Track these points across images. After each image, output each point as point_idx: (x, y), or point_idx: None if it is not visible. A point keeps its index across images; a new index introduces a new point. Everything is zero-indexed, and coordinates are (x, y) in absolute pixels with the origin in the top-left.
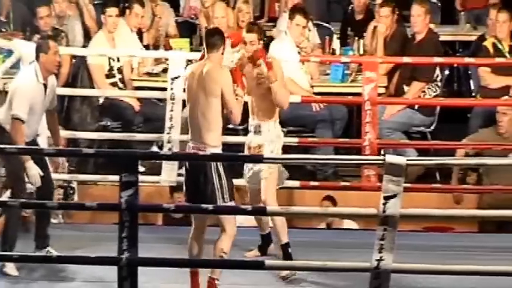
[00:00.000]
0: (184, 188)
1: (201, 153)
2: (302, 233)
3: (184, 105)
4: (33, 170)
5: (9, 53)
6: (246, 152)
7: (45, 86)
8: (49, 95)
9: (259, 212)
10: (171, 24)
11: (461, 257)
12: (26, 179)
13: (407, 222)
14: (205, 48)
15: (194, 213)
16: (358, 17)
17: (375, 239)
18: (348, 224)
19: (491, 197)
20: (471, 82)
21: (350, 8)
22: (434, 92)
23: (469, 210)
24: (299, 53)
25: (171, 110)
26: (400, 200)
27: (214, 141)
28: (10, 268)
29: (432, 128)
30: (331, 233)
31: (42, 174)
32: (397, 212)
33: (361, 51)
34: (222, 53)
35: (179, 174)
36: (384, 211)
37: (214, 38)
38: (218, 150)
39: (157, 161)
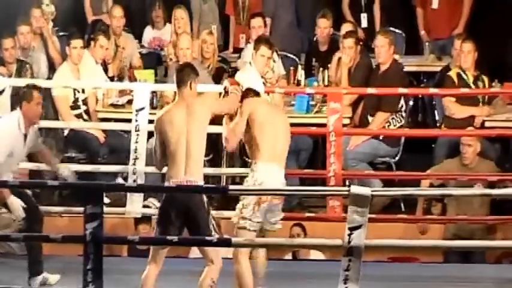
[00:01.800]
0: (159, 218)
1: None
2: (268, 264)
3: (149, 137)
4: (15, 205)
5: None
6: None
7: (25, 136)
8: (29, 144)
9: (224, 243)
10: (135, 55)
11: (427, 287)
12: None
13: (372, 253)
14: (176, 86)
15: (159, 245)
16: (323, 47)
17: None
18: (315, 254)
19: (456, 227)
20: (436, 112)
21: (314, 38)
22: (399, 122)
23: (433, 240)
24: (264, 83)
25: (136, 142)
26: (365, 230)
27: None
28: None
29: (397, 158)
30: (298, 263)
31: (24, 205)
32: (362, 243)
33: (326, 82)
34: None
35: (144, 206)
36: (349, 242)
37: (181, 74)
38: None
39: (122, 193)
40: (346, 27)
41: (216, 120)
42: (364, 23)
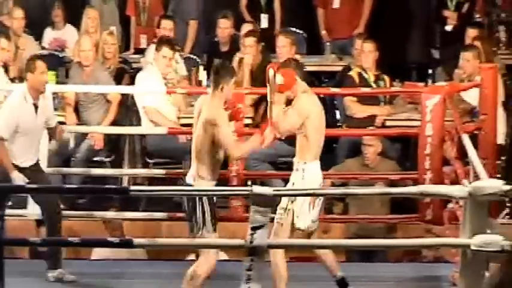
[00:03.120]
0: None
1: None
2: (170, 265)
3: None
4: (18, 180)
5: None
6: None
7: (35, 105)
8: (41, 115)
9: (126, 244)
10: None
11: (328, 286)
12: None
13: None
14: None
15: (61, 246)
16: (224, 48)
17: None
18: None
19: (357, 226)
20: (337, 112)
21: (215, 39)
22: None
23: (335, 239)
24: (166, 84)
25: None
26: (267, 230)
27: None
28: None
29: None
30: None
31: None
32: (264, 243)
33: None
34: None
35: None
36: (251, 242)
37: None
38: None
39: (23, 195)
40: (246, 27)
41: (116, 121)
42: (265, 24)
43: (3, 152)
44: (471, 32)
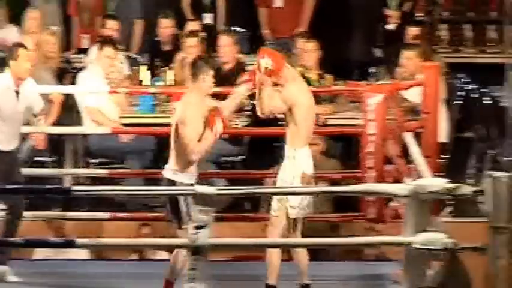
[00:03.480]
0: None
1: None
2: (111, 265)
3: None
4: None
5: None
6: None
7: (17, 92)
8: (23, 101)
9: (69, 244)
10: None
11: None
12: None
13: (218, 252)
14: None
15: (3, 246)
16: (166, 47)
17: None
18: (161, 254)
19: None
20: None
21: (157, 38)
22: (243, 121)
23: (280, 239)
24: (108, 84)
25: None
26: (210, 229)
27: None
28: None
29: (242, 157)
30: (144, 264)
31: None
32: (207, 242)
33: (170, 82)
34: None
35: None
36: (195, 241)
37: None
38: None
39: None
40: (190, 27)
41: (58, 121)
42: (208, 22)
43: None
44: (412, 31)
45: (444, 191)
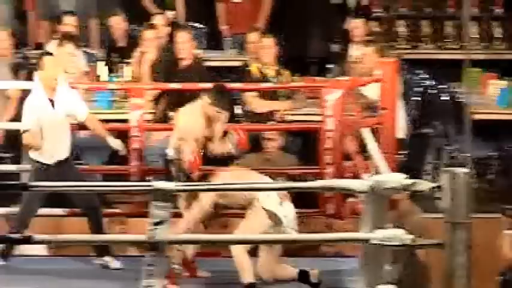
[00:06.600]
0: None
1: None
2: (70, 262)
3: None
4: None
5: None
6: None
7: (51, 101)
8: (61, 109)
9: (26, 240)
10: None
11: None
12: None
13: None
14: None
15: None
16: (121, 43)
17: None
18: (131, 250)
19: None
20: (237, 107)
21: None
22: None
23: (237, 235)
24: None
25: None
26: (168, 225)
27: None
28: None
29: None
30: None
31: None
32: (165, 238)
33: (128, 78)
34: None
35: None
36: (153, 237)
37: None
38: None
39: None
40: (154, 20)
41: (15, 117)
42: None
43: (36, 139)
44: (355, 23)
45: (402, 187)
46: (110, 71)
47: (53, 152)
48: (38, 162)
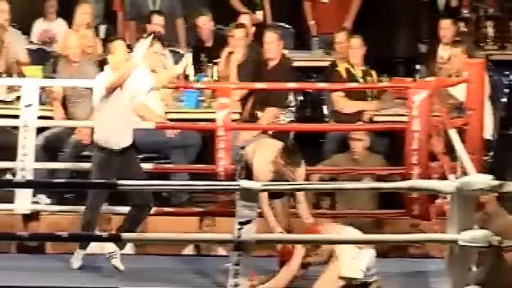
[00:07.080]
0: None
1: None
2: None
3: (38, 133)
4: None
5: None
6: None
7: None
8: (128, 93)
9: (115, 238)
10: (21, 51)
11: None
12: None
13: (263, 247)
14: None
15: (49, 240)
16: (208, 43)
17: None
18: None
19: (345, 221)
20: (324, 107)
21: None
22: (288, 117)
23: (324, 234)
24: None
25: (25, 138)
26: (254, 225)
27: None
28: None
29: None
30: (190, 259)
31: None
32: (251, 237)
33: (215, 77)
34: None
35: (33, 202)
36: (239, 236)
37: None
38: None
39: (11, 189)
40: (240, 20)
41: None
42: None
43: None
44: (445, 24)
45: (489, 188)
46: (197, 70)
47: (119, 138)
48: (104, 149)
